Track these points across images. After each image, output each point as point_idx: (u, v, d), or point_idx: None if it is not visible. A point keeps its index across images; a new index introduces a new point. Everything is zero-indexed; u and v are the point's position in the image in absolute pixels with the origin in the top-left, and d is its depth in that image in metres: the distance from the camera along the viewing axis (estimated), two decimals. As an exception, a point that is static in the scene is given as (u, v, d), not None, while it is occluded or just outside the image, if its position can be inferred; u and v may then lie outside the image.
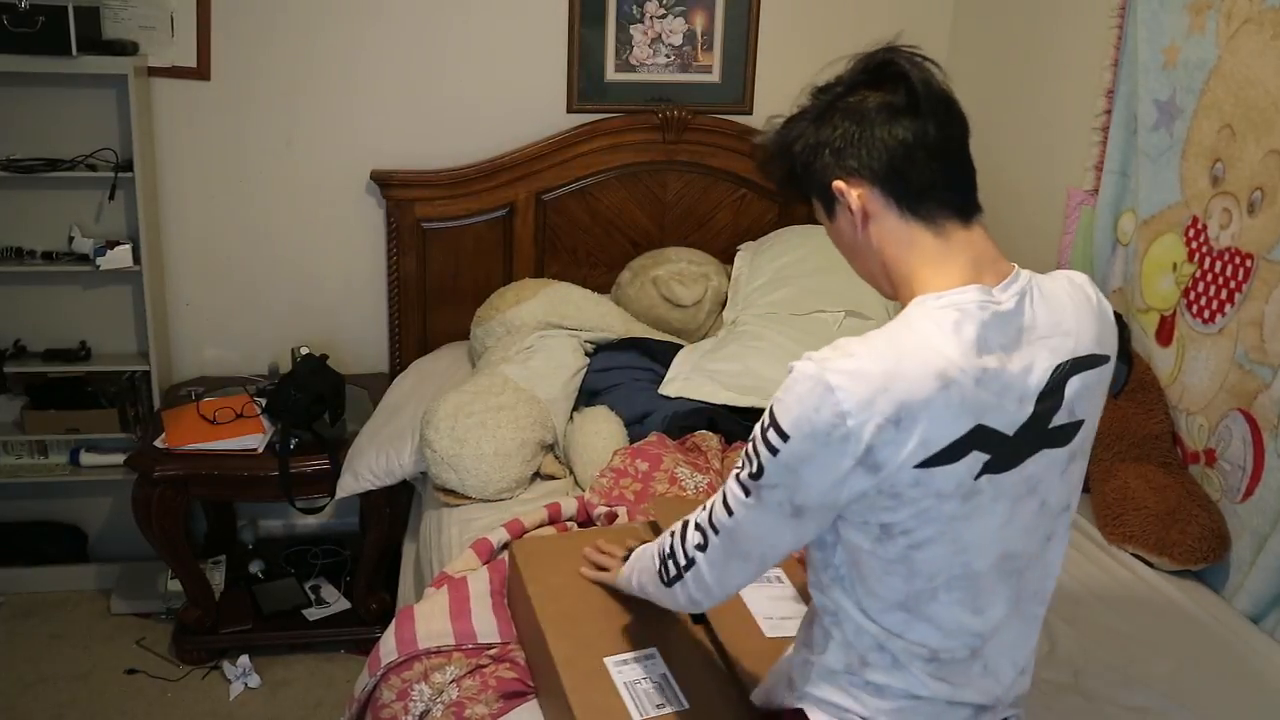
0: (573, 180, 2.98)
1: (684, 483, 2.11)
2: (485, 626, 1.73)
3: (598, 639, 1.50)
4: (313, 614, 2.77)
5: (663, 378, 2.56)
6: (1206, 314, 2.11)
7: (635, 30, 2.96)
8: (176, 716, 2.56)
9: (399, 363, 3.02)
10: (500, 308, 2.73)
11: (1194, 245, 2.15)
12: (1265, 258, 1.96)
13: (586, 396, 2.54)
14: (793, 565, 1.70)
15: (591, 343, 2.70)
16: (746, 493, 1.10)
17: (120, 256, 2.70)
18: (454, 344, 2.98)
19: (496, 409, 2.34)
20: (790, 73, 2.98)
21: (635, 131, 2.96)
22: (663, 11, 2.95)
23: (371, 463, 2.49)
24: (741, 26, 3.00)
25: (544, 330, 2.66)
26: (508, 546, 1.95)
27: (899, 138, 1.08)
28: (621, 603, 1.55)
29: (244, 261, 2.96)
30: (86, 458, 2.89)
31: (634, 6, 2.93)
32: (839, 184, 1.11)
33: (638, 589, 1.41)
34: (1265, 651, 1.82)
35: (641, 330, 2.80)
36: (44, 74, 2.57)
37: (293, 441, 2.57)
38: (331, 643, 2.78)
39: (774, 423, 1.05)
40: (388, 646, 1.73)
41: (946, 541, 1.07)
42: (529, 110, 2.94)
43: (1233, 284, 2.04)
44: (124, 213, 2.79)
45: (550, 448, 2.46)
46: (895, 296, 1.15)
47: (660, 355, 2.64)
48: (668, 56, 3.00)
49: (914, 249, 1.10)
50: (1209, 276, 2.11)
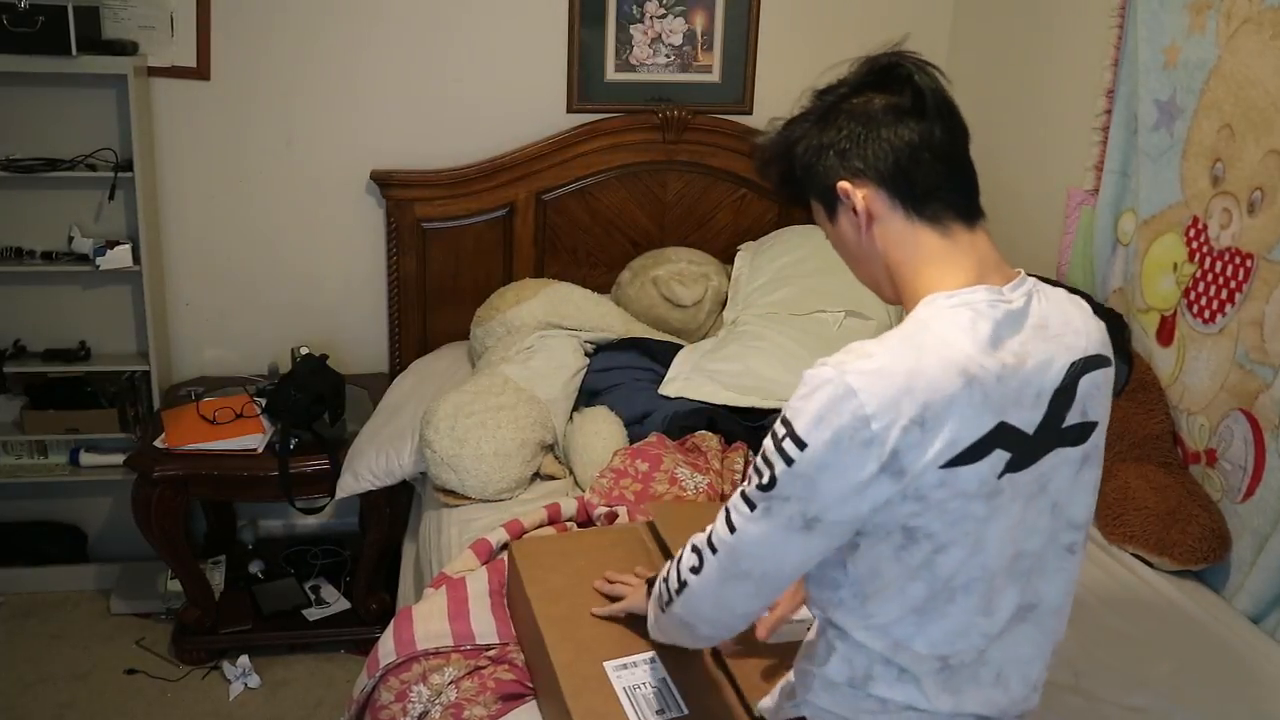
0: (573, 180, 2.98)
1: (684, 483, 2.10)
2: (484, 627, 1.73)
3: (597, 642, 1.49)
4: (312, 614, 2.77)
5: (663, 378, 2.56)
6: (1207, 314, 2.11)
7: (635, 30, 2.96)
8: (176, 716, 2.56)
9: (399, 363, 3.02)
10: (500, 308, 2.73)
11: (1194, 245, 2.15)
12: (1265, 258, 1.96)
13: (586, 396, 2.53)
14: None
15: (591, 343, 2.70)
16: (753, 506, 1.05)
17: (120, 256, 2.70)
18: (454, 344, 2.98)
19: (496, 409, 2.34)
20: (790, 73, 2.98)
21: (635, 131, 2.96)
22: (663, 11, 2.95)
23: (371, 463, 2.49)
24: (741, 26, 2.99)
25: (544, 330, 2.66)
26: (507, 547, 1.95)
27: (905, 139, 1.07)
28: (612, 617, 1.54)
29: (244, 261, 2.96)
30: (86, 458, 2.89)
31: (634, 6, 2.93)
32: (844, 185, 1.10)
33: (652, 626, 1.35)
34: (1266, 652, 1.82)
35: (641, 330, 2.80)
36: (44, 74, 2.57)
37: (293, 441, 2.57)
38: (331, 643, 2.78)
39: (790, 431, 1.00)
40: (386, 648, 1.73)
41: (969, 544, 1.05)
42: (529, 110, 2.94)
43: (1233, 284, 2.04)
44: (124, 213, 2.79)
45: (550, 448, 2.45)
46: (897, 300, 1.14)
47: (660, 355, 2.64)
48: (668, 56, 3.00)
49: (919, 251, 1.09)
50: (1209, 276, 2.10)
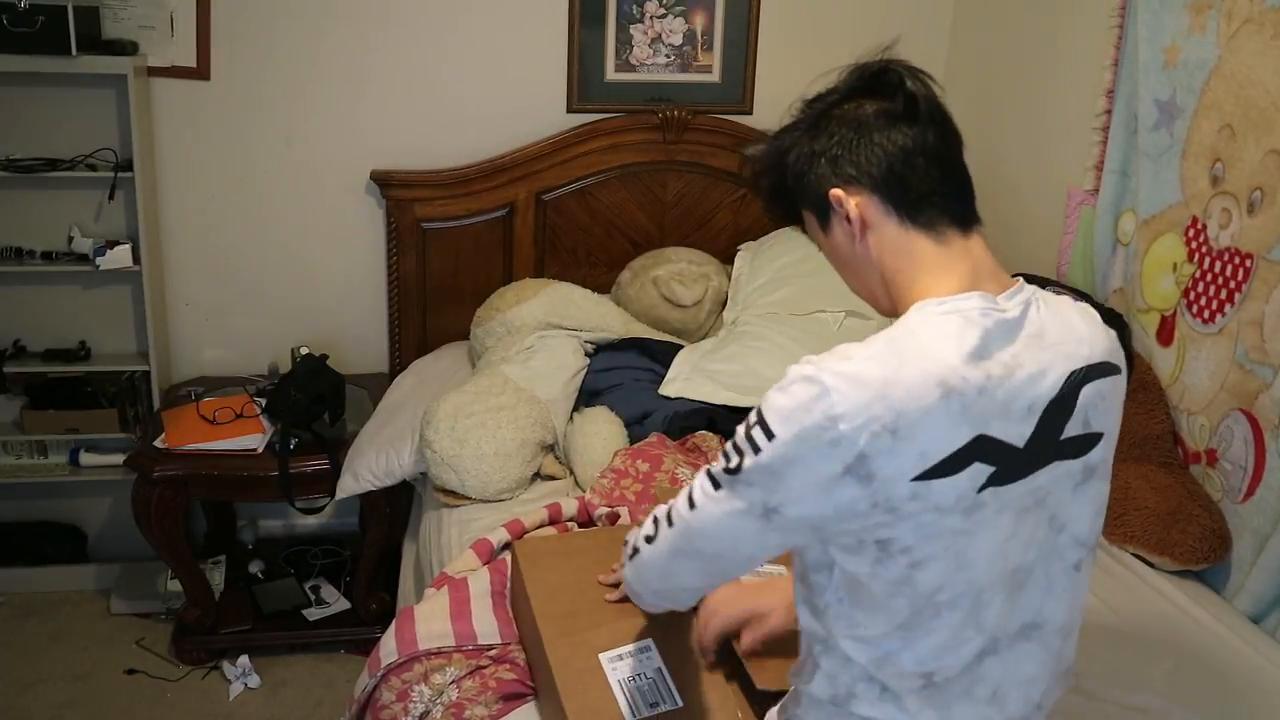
0: (573, 180, 2.98)
1: (685, 483, 2.10)
2: (485, 627, 1.73)
3: (595, 638, 1.49)
4: (312, 614, 2.77)
5: (663, 378, 2.56)
6: (1207, 314, 2.11)
7: (635, 30, 2.96)
8: (176, 717, 2.56)
9: (399, 363, 3.02)
10: (500, 308, 2.73)
11: (1194, 245, 2.15)
12: (1265, 258, 1.96)
13: (586, 397, 2.53)
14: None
15: (591, 343, 2.70)
16: (716, 486, 1.05)
17: (120, 256, 2.70)
18: (454, 344, 2.98)
19: (496, 409, 2.34)
20: (790, 73, 2.98)
21: (635, 131, 2.96)
22: (663, 11, 2.95)
23: (371, 463, 2.49)
24: (741, 26, 2.99)
25: (544, 330, 2.66)
26: (508, 547, 1.95)
27: (898, 144, 1.05)
28: (622, 600, 1.55)
29: (244, 261, 2.96)
30: (86, 458, 2.88)
31: (634, 6, 2.93)
32: (836, 192, 1.08)
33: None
34: (1266, 652, 1.82)
35: (641, 330, 2.80)
36: (44, 74, 2.57)
37: (292, 442, 2.57)
38: (331, 643, 2.78)
39: (761, 420, 1.00)
40: (388, 647, 1.73)
41: (949, 558, 1.02)
42: (529, 110, 2.94)
43: (1233, 284, 2.04)
44: (124, 213, 2.79)
45: (550, 448, 2.45)
46: (893, 312, 1.11)
47: (660, 355, 2.64)
48: (668, 56, 2.99)
49: (914, 257, 1.07)
50: (1209, 276, 2.11)
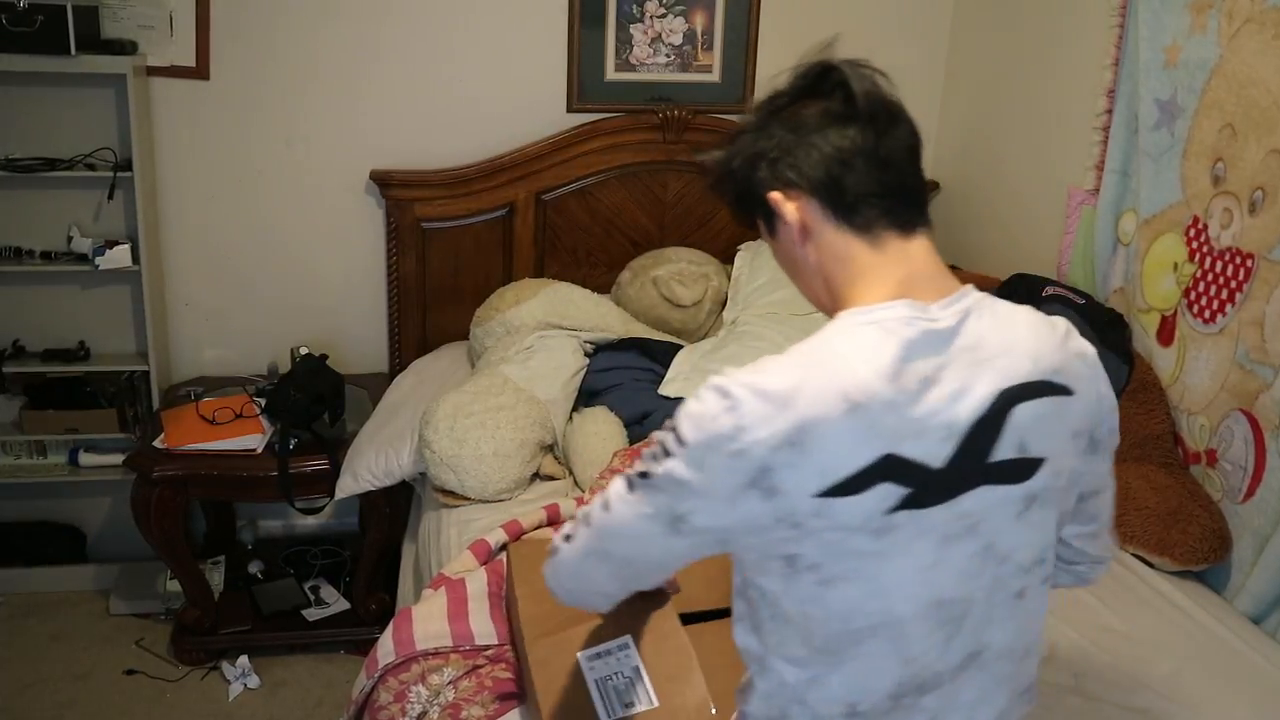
0: (573, 180, 2.97)
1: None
2: (483, 628, 1.73)
3: (576, 636, 1.49)
4: (312, 614, 2.77)
5: (663, 378, 2.56)
6: (1207, 314, 2.11)
7: (635, 30, 2.95)
8: (176, 717, 2.55)
9: (399, 363, 3.02)
10: (500, 308, 2.73)
11: (1195, 245, 2.15)
12: (1266, 257, 1.95)
13: (586, 397, 2.53)
14: None
15: (591, 343, 2.70)
16: (630, 489, 1.03)
17: (119, 256, 2.70)
18: (454, 344, 2.97)
19: (496, 409, 2.34)
20: (790, 72, 2.98)
21: (635, 131, 2.96)
22: (663, 11, 2.95)
23: (371, 463, 2.49)
24: (741, 26, 2.99)
25: (544, 330, 2.66)
26: (506, 548, 1.95)
27: (835, 145, 1.02)
28: None
29: (243, 261, 2.95)
30: (85, 458, 2.88)
31: (634, 6, 2.93)
32: (775, 195, 1.05)
33: None
34: (1266, 652, 1.82)
35: (641, 330, 2.80)
36: (43, 73, 2.57)
37: (292, 442, 2.56)
38: (331, 643, 2.78)
39: (674, 428, 0.99)
40: (385, 648, 1.73)
41: (861, 581, 0.99)
42: (529, 110, 2.94)
43: (1234, 284, 2.04)
44: (123, 212, 2.79)
45: (550, 448, 2.45)
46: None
47: (660, 355, 2.64)
48: (668, 56, 2.99)
49: (849, 263, 1.03)
50: (1210, 276, 2.10)
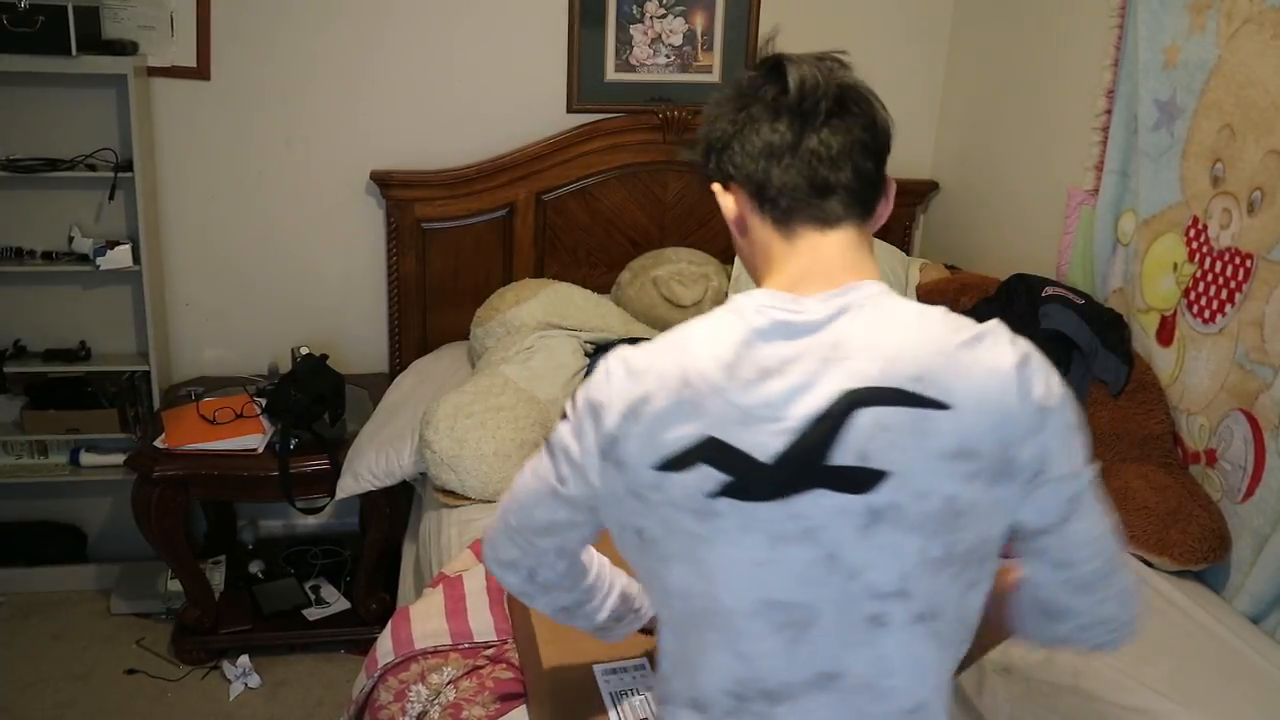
0: (573, 180, 2.98)
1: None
2: (482, 625, 1.73)
3: (590, 645, 1.48)
4: (313, 614, 2.77)
5: (662, 378, 2.55)
6: (1207, 314, 2.11)
7: (635, 30, 2.96)
8: (176, 716, 2.56)
9: (399, 363, 3.02)
10: (500, 308, 2.73)
11: (1194, 245, 2.15)
12: (1265, 258, 1.95)
13: (586, 397, 2.53)
14: None
15: (591, 343, 2.70)
16: (540, 455, 1.11)
17: (120, 256, 2.70)
18: (454, 344, 2.98)
19: (496, 409, 2.34)
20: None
21: (635, 131, 2.96)
22: (663, 11, 2.95)
23: (371, 463, 2.49)
24: (741, 26, 2.99)
25: (544, 330, 2.66)
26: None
27: (766, 139, 1.01)
28: None
29: (244, 261, 2.96)
30: (86, 458, 2.89)
31: (634, 6, 2.93)
32: (715, 186, 1.07)
33: None
34: (1266, 652, 1.82)
35: (641, 330, 2.80)
36: (44, 74, 2.57)
37: (293, 442, 2.57)
38: (331, 643, 2.78)
39: (573, 397, 1.07)
40: (384, 648, 1.73)
41: (691, 563, 1.01)
42: (529, 110, 2.94)
43: (1233, 284, 2.04)
44: (124, 213, 2.79)
45: (550, 448, 2.45)
46: None
47: (660, 355, 2.64)
48: (668, 56, 2.99)
49: (766, 254, 1.04)
50: (1209, 276, 2.10)
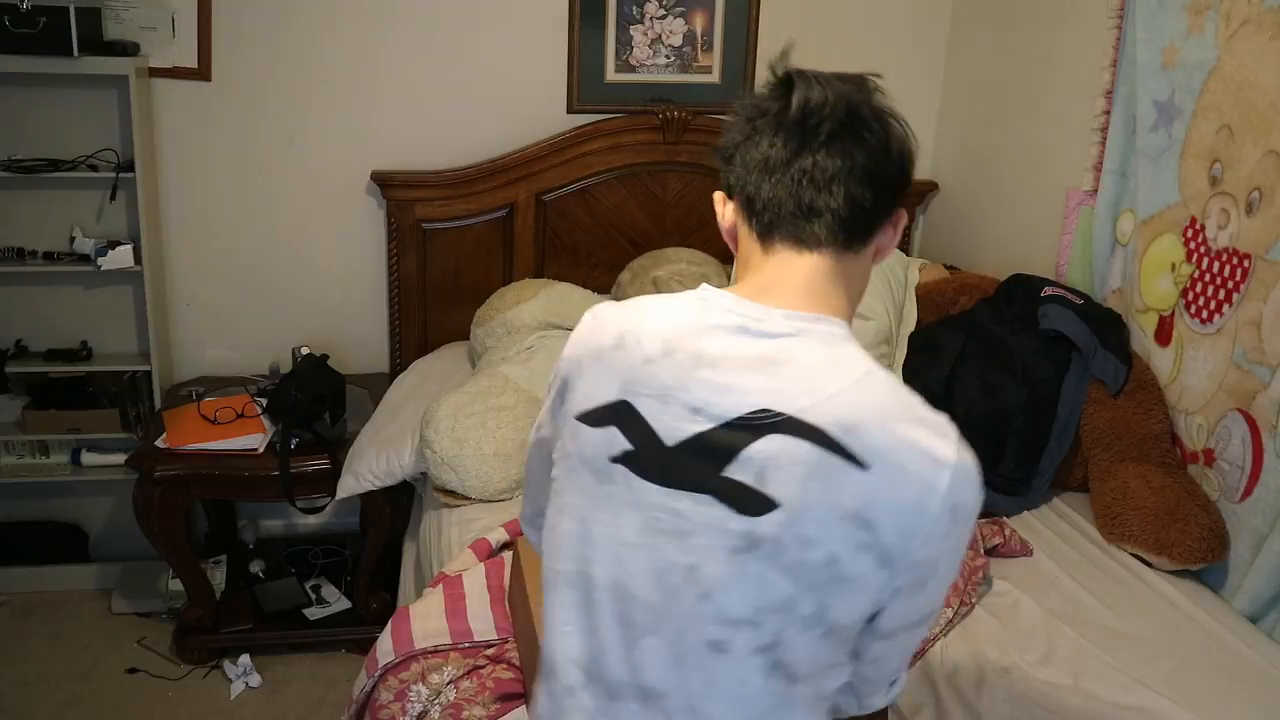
0: (573, 181, 2.98)
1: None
2: (482, 624, 1.73)
3: None
4: (313, 613, 2.78)
5: (662, 378, 2.56)
6: (1205, 314, 2.11)
7: (635, 31, 2.96)
8: (177, 716, 2.56)
9: (399, 363, 3.02)
10: (500, 308, 2.74)
11: (1192, 245, 2.15)
12: (1263, 258, 1.96)
13: (586, 397, 2.53)
14: None
15: (591, 343, 2.70)
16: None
17: (121, 257, 2.70)
18: (454, 344, 2.98)
19: (496, 409, 2.35)
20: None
21: (635, 132, 2.97)
22: (663, 12, 2.95)
23: (372, 463, 2.49)
24: (741, 27, 3.00)
25: (544, 330, 2.66)
26: (506, 547, 1.95)
27: (763, 154, 1.00)
28: None
29: (245, 261, 2.96)
30: (87, 457, 2.89)
31: (634, 7, 2.94)
32: (717, 194, 1.08)
33: None
34: (1265, 651, 1.82)
35: (641, 330, 2.80)
36: (45, 74, 2.57)
37: (293, 441, 2.57)
38: (332, 642, 2.79)
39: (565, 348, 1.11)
40: (384, 648, 1.74)
41: (577, 520, 1.01)
42: (529, 111, 2.95)
43: (1231, 284, 2.04)
44: (125, 213, 2.80)
45: (550, 448, 2.46)
46: None
47: (660, 355, 2.64)
48: (668, 57, 3.00)
49: (747, 263, 1.04)
50: (1207, 277, 2.11)
